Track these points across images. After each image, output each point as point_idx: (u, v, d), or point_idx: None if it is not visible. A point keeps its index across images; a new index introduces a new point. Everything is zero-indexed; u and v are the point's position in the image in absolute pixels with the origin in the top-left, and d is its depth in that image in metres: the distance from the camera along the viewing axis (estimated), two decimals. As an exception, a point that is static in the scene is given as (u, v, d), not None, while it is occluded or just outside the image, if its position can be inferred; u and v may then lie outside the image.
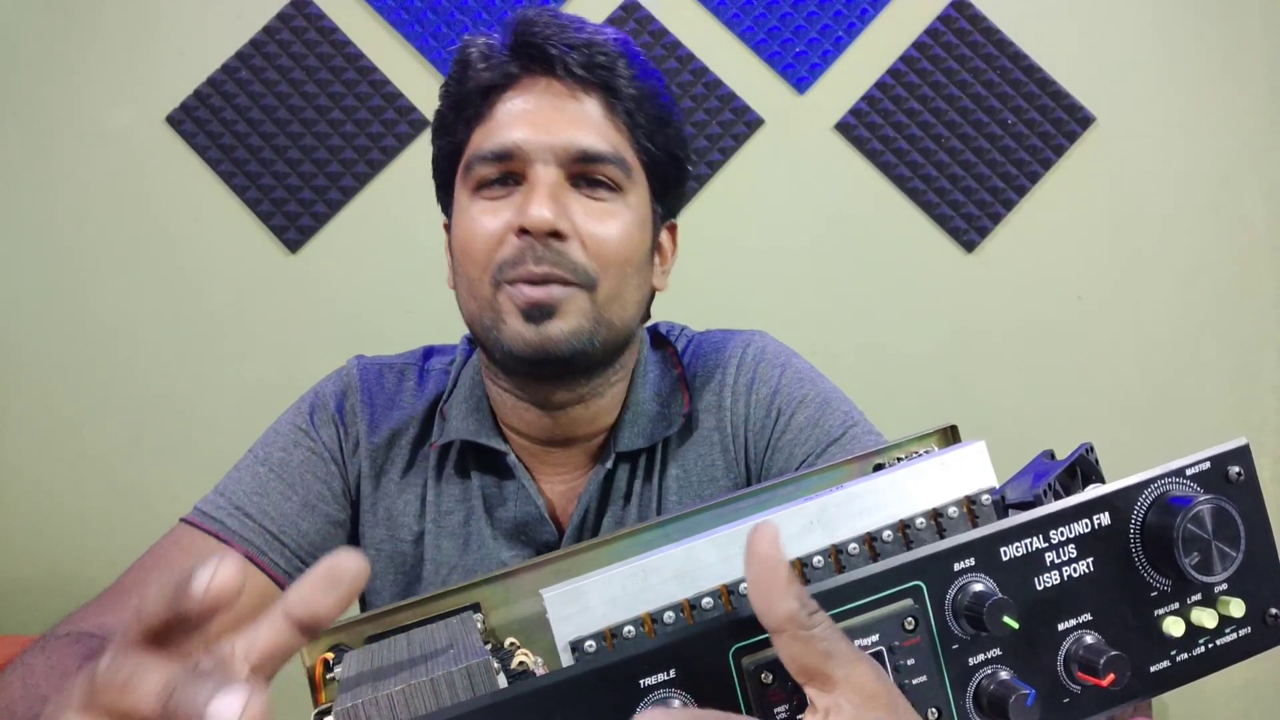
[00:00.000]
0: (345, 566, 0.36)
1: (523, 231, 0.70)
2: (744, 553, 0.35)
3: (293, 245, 1.75)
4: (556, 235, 0.70)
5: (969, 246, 1.75)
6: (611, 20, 1.74)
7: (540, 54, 0.72)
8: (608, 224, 0.73)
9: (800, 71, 1.76)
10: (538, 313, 0.70)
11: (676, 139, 0.79)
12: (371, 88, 1.75)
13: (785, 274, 1.75)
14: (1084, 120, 1.73)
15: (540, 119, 0.72)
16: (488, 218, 0.72)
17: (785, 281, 1.75)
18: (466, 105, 0.74)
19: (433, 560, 0.79)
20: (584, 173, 0.73)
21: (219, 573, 0.33)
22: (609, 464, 0.78)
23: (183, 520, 0.76)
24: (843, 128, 1.75)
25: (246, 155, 1.75)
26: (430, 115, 1.73)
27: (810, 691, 0.35)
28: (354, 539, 0.81)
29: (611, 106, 0.74)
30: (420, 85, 1.75)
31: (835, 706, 0.34)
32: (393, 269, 1.74)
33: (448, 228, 0.82)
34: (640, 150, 0.76)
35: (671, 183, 0.80)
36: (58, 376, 1.75)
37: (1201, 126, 1.74)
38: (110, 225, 1.75)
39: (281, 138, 1.75)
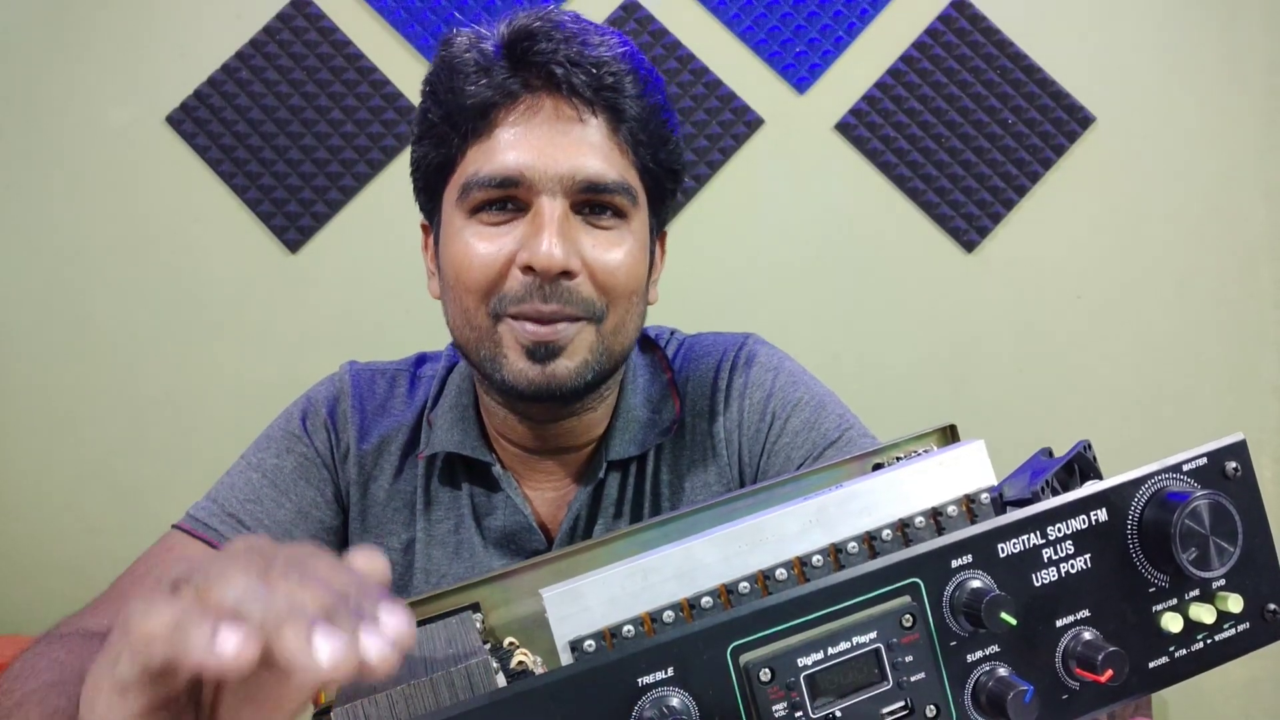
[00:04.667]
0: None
1: (529, 269, 0.67)
2: None
3: (293, 245, 1.75)
4: (566, 274, 0.68)
5: (969, 246, 1.75)
6: (611, 20, 1.74)
7: (544, 72, 0.68)
8: (615, 254, 0.70)
9: (800, 71, 1.76)
10: (543, 351, 0.68)
11: (676, 153, 0.76)
12: (371, 88, 1.75)
13: (785, 274, 1.75)
14: (1084, 120, 1.73)
15: (545, 145, 0.68)
16: (485, 244, 0.69)
17: (785, 281, 1.75)
18: (461, 118, 0.70)
19: (423, 569, 0.78)
20: (590, 201, 0.70)
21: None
22: (600, 473, 0.77)
23: (175, 526, 0.75)
24: (843, 128, 1.75)
25: (247, 155, 1.75)
26: (430, 116, 1.75)
27: None
28: (345, 546, 0.81)
29: (615, 127, 0.70)
30: (420, 85, 1.75)
31: None
32: (393, 269, 1.74)
33: (427, 229, 0.80)
34: (642, 169, 0.73)
35: (668, 196, 0.78)
36: (57, 377, 1.75)
37: (1201, 126, 1.74)
38: (110, 225, 1.75)
39: (282, 138, 1.75)
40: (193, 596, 0.33)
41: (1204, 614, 0.41)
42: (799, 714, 0.37)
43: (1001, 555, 0.40)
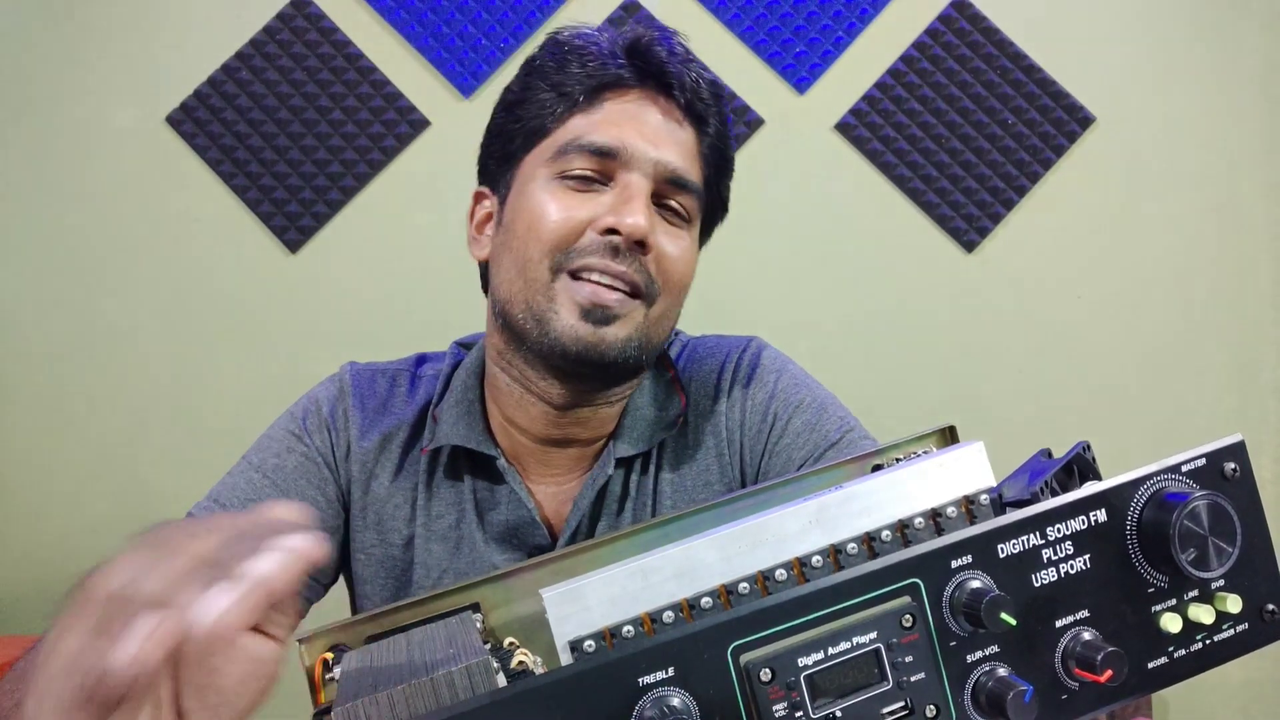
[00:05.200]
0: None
1: (611, 232, 0.70)
2: None
3: (293, 245, 1.75)
4: (642, 246, 0.71)
5: (969, 246, 1.75)
6: (611, 20, 1.74)
7: (660, 73, 0.75)
8: (678, 245, 0.76)
9: (800, 71, 1.76)
10: (600, 314, 0.70)
11: (729, 186, 0.83)
12: (372, 88, 1.75)
13: (785, 274, 1.76)
14: (1084, 120, 1.73)
15: (649, 130, 0.74)
16: (571, 204, 0.72)
17: (785, 281, 1.76)
18: (575, 90, 0.75)
19: (423, 564, 0.79)
20: (666, 195, 0.75)
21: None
22: (609, 470, 0.77)
23: None
24: (843, 128, 1.75)
25: (247, 155, 1.75)
26: (430, 116, 1.75)
27: None
28: (346, 544, 0.81)
29: (700, 139, 0.77)
30: (420, 85, 1.76)
31: None
32: (393, 269, 1.74)
33: (480, 197, 0.82)
34: (706, 186, 0.79)
35: (713, 224, 0.85)
36: (58, 376, 1.75)
37: (1201, 126, 1.74)
38: (111, 225, 1.75)
39: (282, 138, 1.75)
40: (95, 614, 0.34)
41: (1203, 614, 0.41)
42: (799, 714, 0.37)
43: (1001, 556, 0.40)
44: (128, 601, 0.33)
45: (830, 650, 0.37)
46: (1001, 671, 0.39)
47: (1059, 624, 0.40)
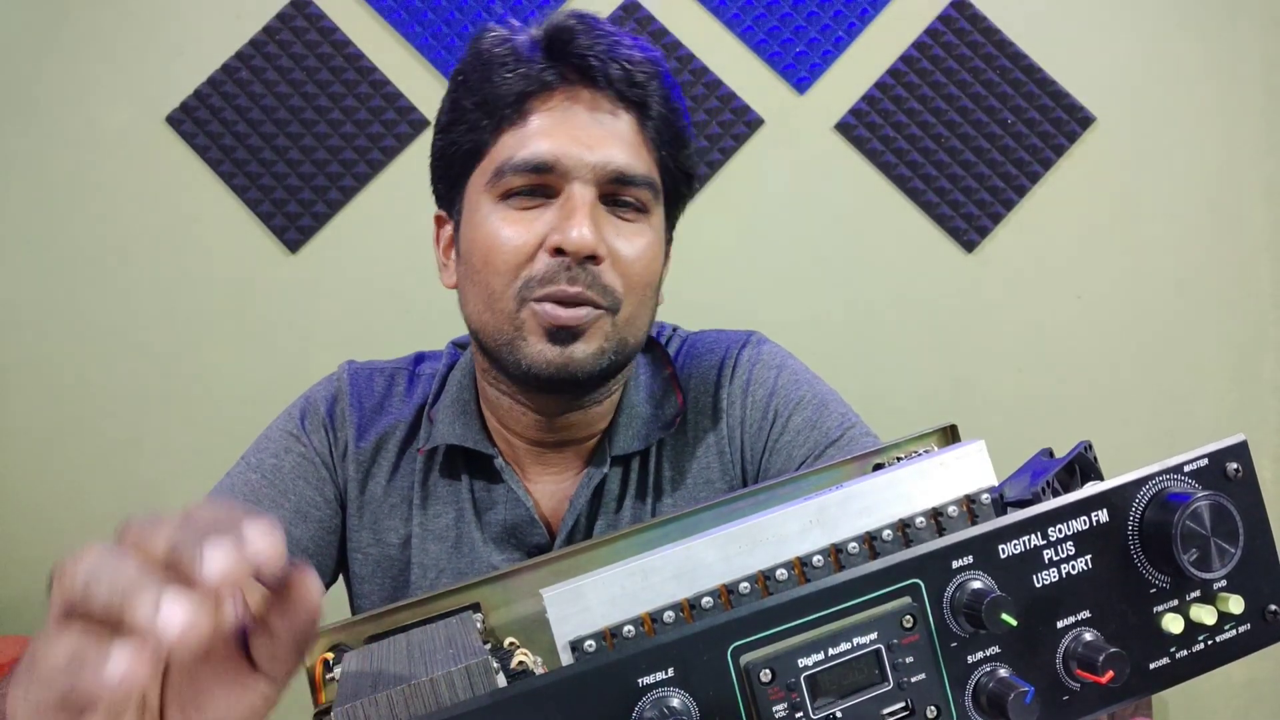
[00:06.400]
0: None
1: (558, 251, 0.69)
2: None
3: (293, 245, 1.75)
4: (593, 259, 0.69)
5: (969, 246, 1.75)
6: (611, 20, 1.73)
7: (581, 65, 0.71)
8: (636, 245, 0.73)
9: (800, 71, 1.76)
10: (565, 334, 0.69)
11: (692, 157, 0.79)
12: (371, 88, 1.75)
13: (785, 274, 1.75)
14: (1084, 120, 1.73)
15: (579, 133, 0.70)
16: (516, 228, 0.70)
17: (785, 281, 1.75)
18: (496, 105, 0.72)
19: (420, 564, 0.78)
20: (615, 193, 0.72)
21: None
22: (604, 468, 0.77)
23: None
24: (843, 128, 1.75)
25: (247, 155, 1.75)
26: (430, 115, 1.74)
27: None
28: (344, 545, 0.81)
29: (643, 124, 0.73)
30: (420, 85, 1.76)
31: None
32: (393, 269, 1.74)
33: (441, 220, 0.81)
34: (663, 168, 0.75)
35: (682, 200, 0.81)
36: (58, 376, 1.75)
37: (1201, 126, 1.74)
38: (110, 225, 1.75)
39: (282, 138, 1.75)
40: (62, 624, 0.32)
41: (1205, 615, 0.41)
42: (799, 714, 0.37)
43: (1002, 556, 0.40)
44: (88, 609, 0.32)
45: (830, 651, 0.37)
46: (1002, 672, 0.39)
47: (1060, 625, 0.40)
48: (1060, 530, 0.40)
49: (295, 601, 0.38)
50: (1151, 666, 0.41)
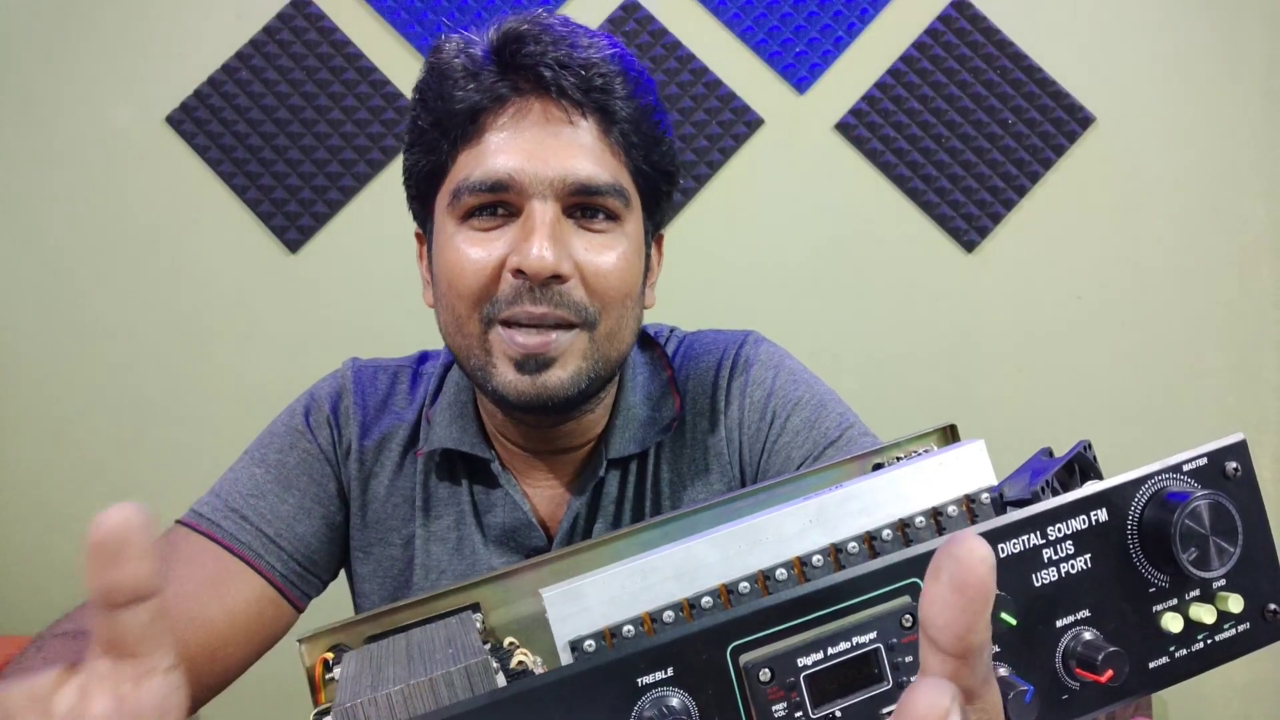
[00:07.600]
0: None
1: (520, 273, 0.66)
2: (942, 567, 0.27)
3: (293, 245, 1.75)
4: (557, 278, 0.67)
5: (969, 246, 1.75)
6: (611, 20, 1.74)
7: (533, 75, 0.67)
8: (607, 257, 0.69)
9: (800, 71, 1.76)
10: (533, 363, 0.67)
11: (669, 155, 0.75)
12: (371, 88, 1.75)
13: (785, 274, 1.76)
14: (1084, 120, 1.73)
15: (535, 148, 0.67)
16: (477, 250, 0.68)
17: (785, 282, 1.76)
18: (450, 123, 0.69)
19: (422, 565, 0.78)
20: (582, 204, 0.69)
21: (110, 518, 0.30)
22: (600, 472, 0.77)
23: (178, 522, 0.75)
24: (843, 128, 1.75)
25: (246, 155, 1.75)
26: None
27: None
28: (347, 542, 0.81)
29: (607, 129, 0.70)
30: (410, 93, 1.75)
31: None
32: (393, 269, 1.74)
33: (421, 238, 0.80)
34: (635, 171, 0.72)
35: (663, 198, 0.78)
36: (57, 377, 1.75)
37: (1201, 126, 1.74)
38: (110, 225, 1.75)
39: (281, 138, 1.75)
40: None
41: (1204, 614, 0.41)
42: (799, 714, 0.37)
43: (1001, 555, 0.40)
44: None
45: (830, 650, 0.37)
46: (1002, 671, 0.39)
47: (1059, 624, 0.40)
48: (1059, 529, 0.40)
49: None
50: (1151, 666, 0.41)
